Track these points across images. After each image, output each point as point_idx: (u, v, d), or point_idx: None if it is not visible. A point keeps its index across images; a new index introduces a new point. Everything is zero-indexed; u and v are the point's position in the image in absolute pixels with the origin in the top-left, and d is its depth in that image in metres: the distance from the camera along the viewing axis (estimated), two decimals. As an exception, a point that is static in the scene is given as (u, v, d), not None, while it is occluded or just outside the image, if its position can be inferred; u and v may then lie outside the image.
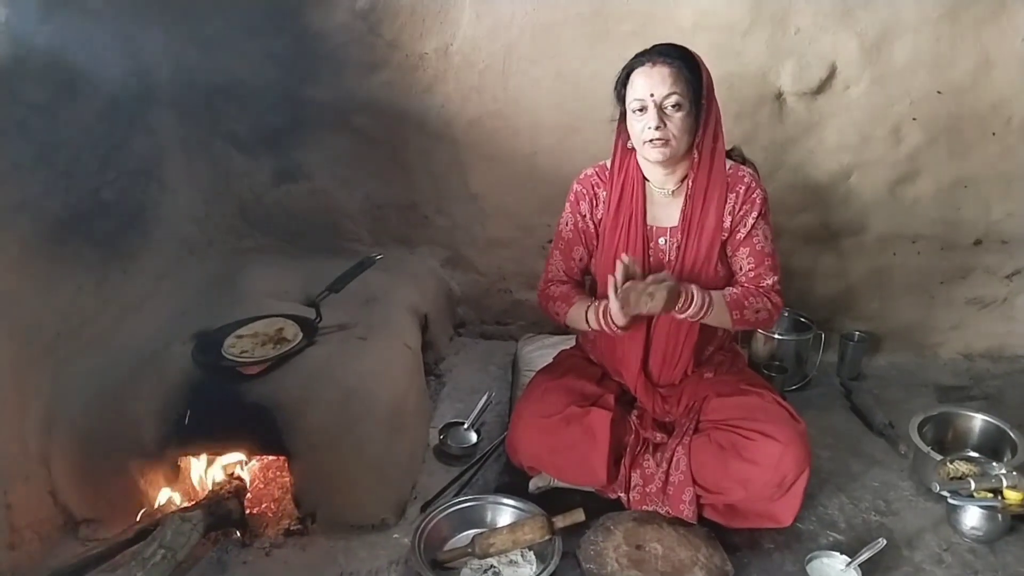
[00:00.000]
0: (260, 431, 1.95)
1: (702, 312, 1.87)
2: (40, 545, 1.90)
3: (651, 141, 1.83)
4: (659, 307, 1.81)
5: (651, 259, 2.01)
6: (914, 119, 2.52)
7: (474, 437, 2.33)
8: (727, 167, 1.96)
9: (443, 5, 2.47)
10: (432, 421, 2.45)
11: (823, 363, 2.71)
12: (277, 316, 2.26)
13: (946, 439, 2.26)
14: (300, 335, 2.17)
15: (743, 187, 1.95)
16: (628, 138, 1.94)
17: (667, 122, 1.82)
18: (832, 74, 2.48)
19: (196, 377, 2.03)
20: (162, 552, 1.76)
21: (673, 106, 1.81)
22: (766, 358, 2.62)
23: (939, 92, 2.48)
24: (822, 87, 2.50)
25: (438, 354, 2.74)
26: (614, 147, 2.00)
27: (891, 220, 2.68)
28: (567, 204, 2.09)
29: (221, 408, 1.99)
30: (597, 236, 2.07)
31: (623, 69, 1.89)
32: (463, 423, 2.38)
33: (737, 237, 1.97)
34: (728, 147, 2.04)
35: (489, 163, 2.69)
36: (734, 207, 1.95)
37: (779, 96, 2.53)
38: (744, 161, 2.20)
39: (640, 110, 1.83)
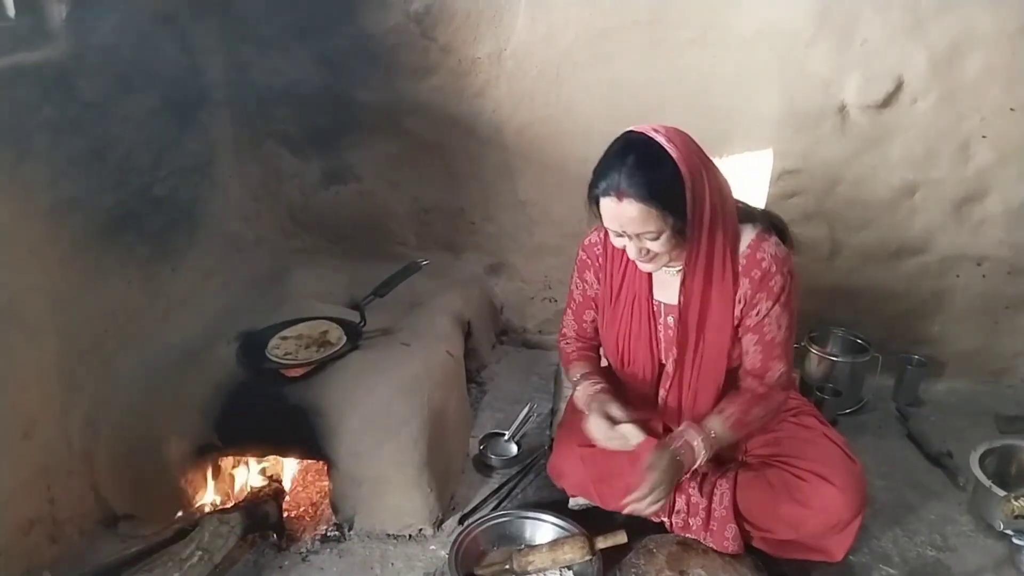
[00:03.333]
0: (301, 435, 1.94)
1: (710, 454, 1.74)
2: (80, 539, 1.92)
3: (634, 259, 1.68)
4: (666, 494, 1.70)
5: (660, 337, 1.86)
6: (984, 136, 2.41)
7: (515, 449, 2.29)
8: (745, 243, 1.72)
9: (498, 9, 2.44)
10: (472, 430, 2.41)
11: (879, 387, 2.61)
12: (322, 319, 2.25)
13: (1009, 473, 2.15)
14: (344, 339, 2.16)
15: (759, 272, 1.70)
16: None
17: (648, 247, 1.63)
18: (899, 88, 2.38)
19: (239, 378, 2.03)
20: (199, 554, 1.76)
21: (652, 238, 1.60)
22: (820, 380, 2.53)
23: (1012, 109, 2.37)
24: (888, 101, 2.40)
25: (480, 362, 2.71)
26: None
27: (956, 241, 2.56)
28: (575, 268, 1.96)
29: (263, 410, 1.98)
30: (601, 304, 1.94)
31: (592, 180, 1.63)
32: (504, 434, 2.34)
33: (747, 323, 1.76)
34: (752, 207, 1.81)
35: (539, 170, 2.65)
36: (747, 291, 1.72)
37: (842, 109, 2.44)
38: (772, 226, 1.79)
39: (617, 237, 1.66)
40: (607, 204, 1.60)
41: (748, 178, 2.56)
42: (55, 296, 1.81)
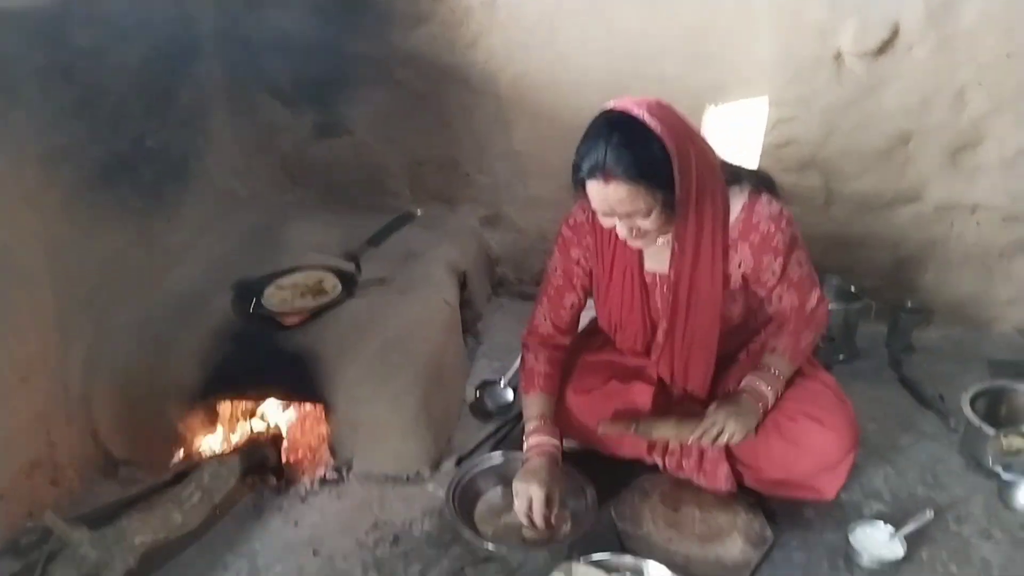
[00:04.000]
0: (298, 380, 1.97)
1: (780, 390, 1.81)
2: (81, 484, 1.94)
3: (624, 239, 1.65)
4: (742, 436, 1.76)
5: (652, 306, 1.86)
6: (980, 84, 2.39)
7: (510, 395, 2.31)
8: (737, 208, 1.71)
9: (491, -44, 2.42)
10: (469, 379, 2.43)
11: (873, 335, 2.62)
12: (317, 268, 2.27)
13: (999, 414, 2.17)
14: (339, 287, 2.17)
15: (758, 236, 1.70)
16: None
17: (638, 226, 1.59)
18: (895, 35, 2.36)
19: (236, 326, 2.04)
20: (199, 494, 1.78)
21: (642, 215, 1.57)
22: (814, 328, 2.55)
23: (1008, 56, 2.35)
24: (884, 48, 2.38)
25: (476, 313, 2.72)
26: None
27: (950, 189, 2.56)
28: (555, 249, 1.90)
29: (259, 357, 2.00)
30: (591, 282, 1.91)
31: (576, 160, 1.59)
32: (499, 381, 2.36)
33: (768, 284, 1.77)
34: (736, 166, 1.77)
35: (533, 120, 2.64)
36: (749, 259, 1.73)
37: (838, 56, 2.42)
38: (761, 181, 1.77)
39: (604, 216, 1.62)
40: (594, 186, 1.56)
41: (743, 127, 2.55)
42: (50, 245, 1.82)
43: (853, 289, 2.61)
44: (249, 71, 2.66)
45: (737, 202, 1.72)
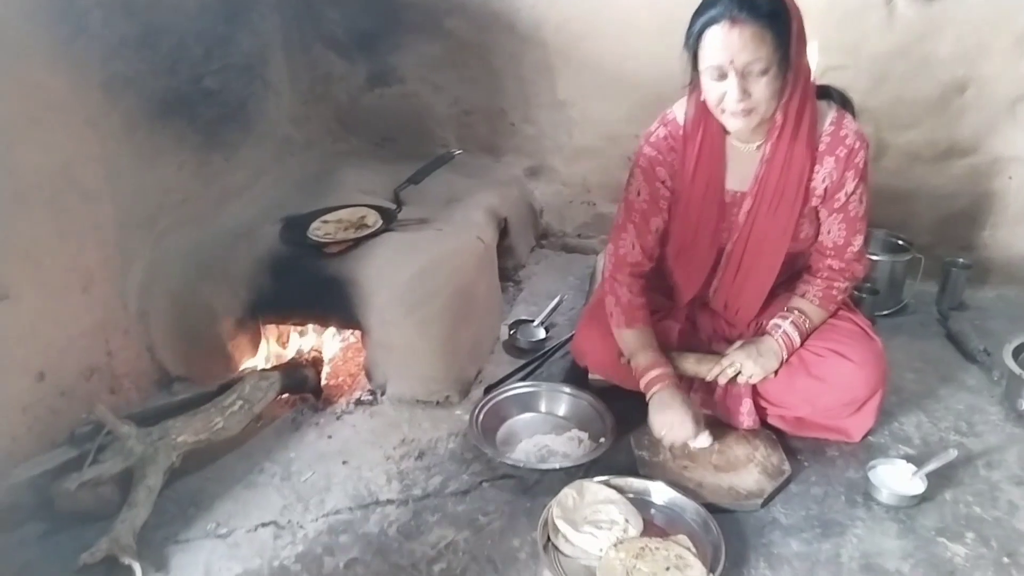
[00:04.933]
0: (337, 304, 2.07)
1: (804, 335, 1.82)
2: (137, 395, 2.09)
3: (731, 112, 1.58)
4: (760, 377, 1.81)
5: (723, 230, 1.83)
6: (1043, 27, 2.31)
7: (543, 333, 2.36)
8: (827, 121, 1.70)
9: (537, -99, 2.46)
10: (506, 320, 2.49)
11: (923, 293, 2.56)
12: (360, 206, 2.36)
13: (1045, 367, 2.10)
14: (380, 222, 2.26)
15: (845, 150, 1.69)
16: (702, 93, 1.64)
17: (751, 89, 1.54)
18: (951, -25, 2.30)
19: (283, 252, 2.15)
20: (240, 403, 1.90)
21: (759, 72, 1.52)
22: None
23: (1075, -4, 2.26)
24: (938, -10, 2.33)
25: (517, 261, 2.78)
26: (688, 102, 1.72)
27: (1009, 140, 2.48)
28: (637, 171, 1.84)
29: (303, 282, 2.10)
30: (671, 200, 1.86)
31: (694, 18, 1.55)
32: (533, 321, 2.41)
33: (835, 204, 1.75)
34: (823, 84, 1.76)
35: (578, 68, 2.67)
36: (832, 172, 1.71)
37: (889, 1, 2.37)
38: (844, 101, 1.78)
39: (719, 78, 1.55)
40: (716, 33, 1.50)
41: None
42: (110, 166, 1.95)
43: (900, 242, 2.55)
44: (306, 22, 2.77)
45: (826, 116, 1.71)
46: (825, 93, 1.75)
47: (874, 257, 2.48)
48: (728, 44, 1.50)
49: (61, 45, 1.79)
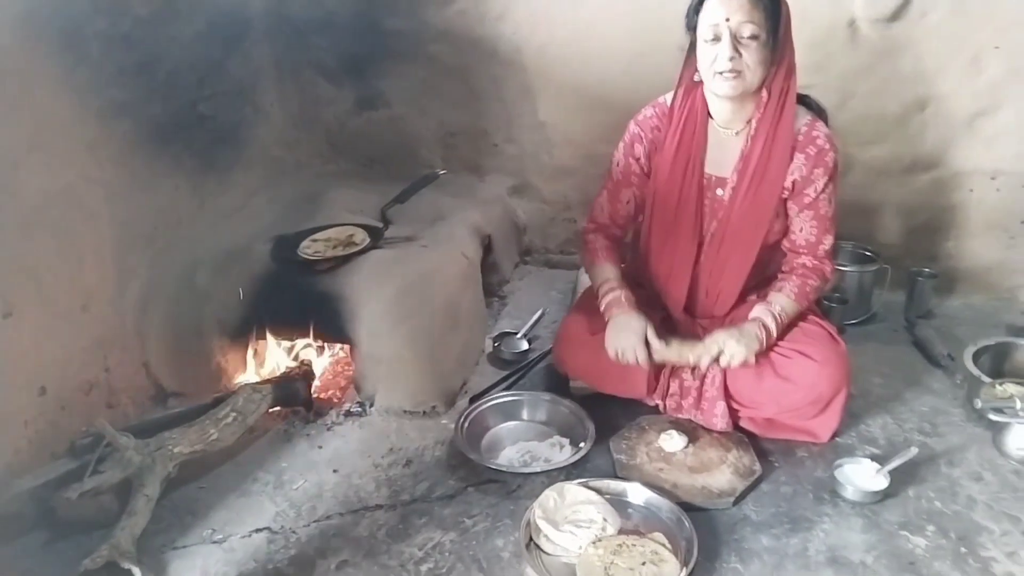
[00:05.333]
0: (327, 319, 2.15)
1: (780, 328, 1.92)
2: (133, 409, 2.15)
3: (722, 73, 1.75)
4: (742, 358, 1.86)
5: (706, 207, 1.97)
6: (996, 48, 2.43)
7: (525, 345, 2.45)
8: (802, 121, 1.88)
9: (516, -68, 2.58)
10: (490, 333, 2.58)
11: (891, 302, 2.66)
12: (349, 225, 2.45)
13: (1003, 370, 2.20)
14: (368, 240, 2.35)
15: (815, 149, 1.86)
16: (695, 71, 1.85)
17: (742, 52, 1.73)
18: (908, 0, 2.42)
19: (275, 269, 2.24)
20: (234, 415, 1.98)
21: (749, 36, 1.72)
22: (828, 290, 2.60)
23: (1025, 19, 2.39)
24: (898, 13, 2.45)
25: (502, 276, 2.87)
26: (678, 80, 1.93)
27: (969, 154, 2.59)
28: (621, 144, 2.04)
29: (294, 298, 2.19)
30: (649, 179, 2.03)
31: None
32: (516, 333, 2.50)
33: (804, 200, 1.90)
34: (802, 92, 1.93)
35: (558, 91, 2.78)
36: (802, 167, 1.87)
37: (852, 23, 2.49)
38: (819, 110, 1.97)
39: (713, 39, 1.74)
40: None
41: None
42: (109, 189, 2.03)
43: (868, 253, 2.66)
44: (296, 49, 2.87)
45: (802, 117, 1.89)
46: (803, 101, 1.92)
47: (843, 268, 2.59)
48: (725, 4, 1.71)
49: (63, 73, 1.89)
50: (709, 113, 1.91)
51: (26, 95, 1.77)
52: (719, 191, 1.94)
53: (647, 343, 1.91)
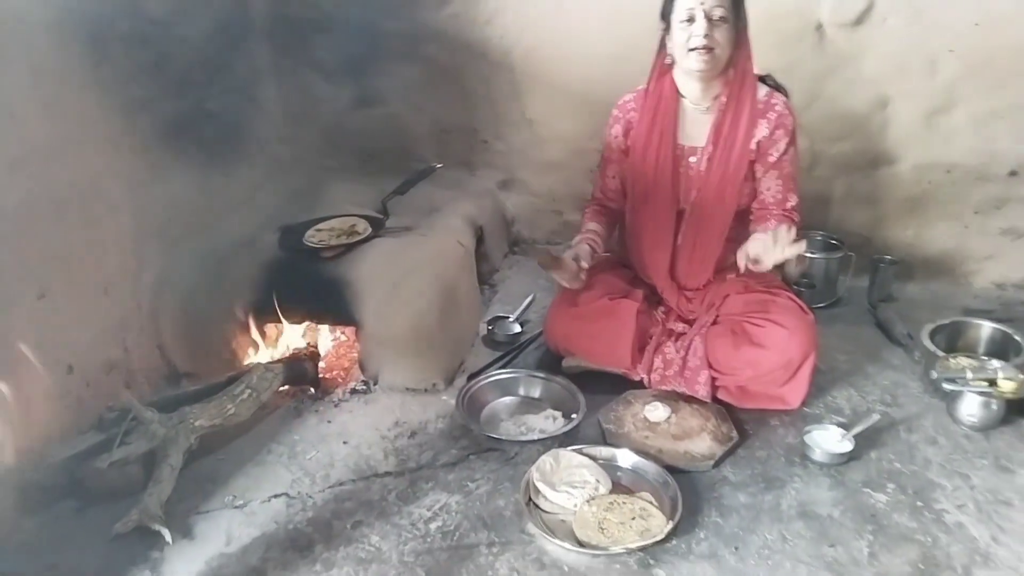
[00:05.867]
0: (333, 303, 2.29)
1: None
2: (149, 390, 2.28)
3: (696, 49, 1.98)
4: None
5: (681, 176, 2.18)
6: (951, 51, 2.63)
7: (518, 328, 2.61)
8: (762, 92, 2.12)
9: (505, -58, 2.74)
10: (484, 318, 2.73)
11: (856, 287, 2.86)
12: (351, 215, 2.59)
13: (957, 346, 2.40)
14: (370, 229, 2.49)
15: (775, 114, 2.11)
16: (666, 56, 2.12)
17: (713, 32, 1.97)
18: (870, 6, 2.61)
19: (282, 257, 2.38)
20: (249, 391, 2.11)
21: (719, 18, 1.97)
22: (797, 276, 2.79)
23: (977, 24, 2.58)
24: (861, 18, 2.64)
25: (492, 266, 3.02)
26: (652, 66, 2.18)
27: (926, 150, 2.79)
28: (605, 128, 2.31)
29: (301, 283, 2.33)
30: (628, 157, 2.26)
31: None
32: (509, 317, 2.66)
33: (768, 160, 2.13)
34: (762, 74, 2.19)
35: (545, 90, 2.94)
36: (765, 130, 2.10)
37: (819, 27, 2.68)
38: (777, 87, 2.24)
39: (688, 20, 1.98)
40: None
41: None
42: (130, 181, 2.17)
43: (834, 241, 2.85)
44: (295, 48, 3.01)
45: (762, 89, 2.14)
46: (762, 79, 2.17)
47: (811, 256, 2.78)
48: None
49: (88, 72, 2.02)
50: (680, 93, 2.14)
51: (59, 93, 1.90)
52: (692, 159, 2.16)
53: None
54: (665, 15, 2.07)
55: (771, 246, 1.91)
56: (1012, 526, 1.78)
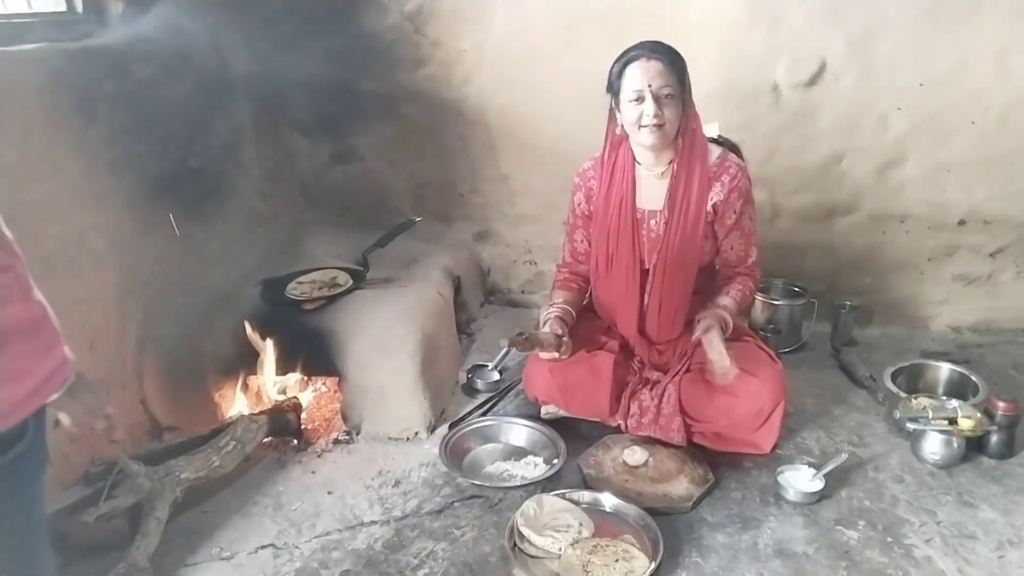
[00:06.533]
0: (316, 354, 2.34)
1: (730, 321, 2.20)
2: (132, 445, 2.28)
3: (648, 126, 2.03)
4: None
5: (643, 239, 2.24)
6: (899, 108, 2.80)
7: (497, 376, 2.66)
8: (715, 156, 2.18)
9: (479, 7, 2.88)
10: (464, 366, 2.78)
11: (819, 332, 2.97)
12: (331, 268, 2.65)
13: (918, 387, 2.51)
14: (351, 281, 2.55)
15: (728, 177, 2.16)
16: (618, 125, 2.15)
17: (663, 109, 2.02)
18: (823, 68, 2.79)
19: (264, 310, 2.42)
20: (233, 443, 2.14)
21: (667, 96, 2.02)
22: (763, 322, 2.91)
23: (921, 84, 2.76)
24: (814, 79, 2.80)
25: (469, 315, 3.09)
26: (605, 136, 2.23)
27: (880, 201, 2.95)
28: (569, 196, 2.35)
29: (284, 335, 2.36)
30: (591, 220, 2.32)
31: (617, 62, 2.08)
32: (487, 365, 2.71)
33: (727, 223, 2.20)
34: (714, 135, 2.30)
35: (518, 147, 3.06)
36: (720, 193, 2.16)
37: (775, 88, 2.84)
38: (729, 145, 2.32)
39: (637, 99, 2.03)
40: (635, 66, 2.03)
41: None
42: (114, 237, 2.20)
43: (797, 288, 2.98)
44: (274, 107, 3.09)
45: (714, 151, 2.21)
46: (715, 141, 2.27)
47: (776, 303, 2.90)
48: (646, 72, 2.02)
49: (77, 132, 2.07)
50: (636, 160, 2.22)
51: (49, 152, 1.95)
52: (652, 222, 2.22)
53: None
54: (613, 91, 2.12)
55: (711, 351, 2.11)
56: (976, 558, 1.87)
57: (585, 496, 2.04)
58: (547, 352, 2.19)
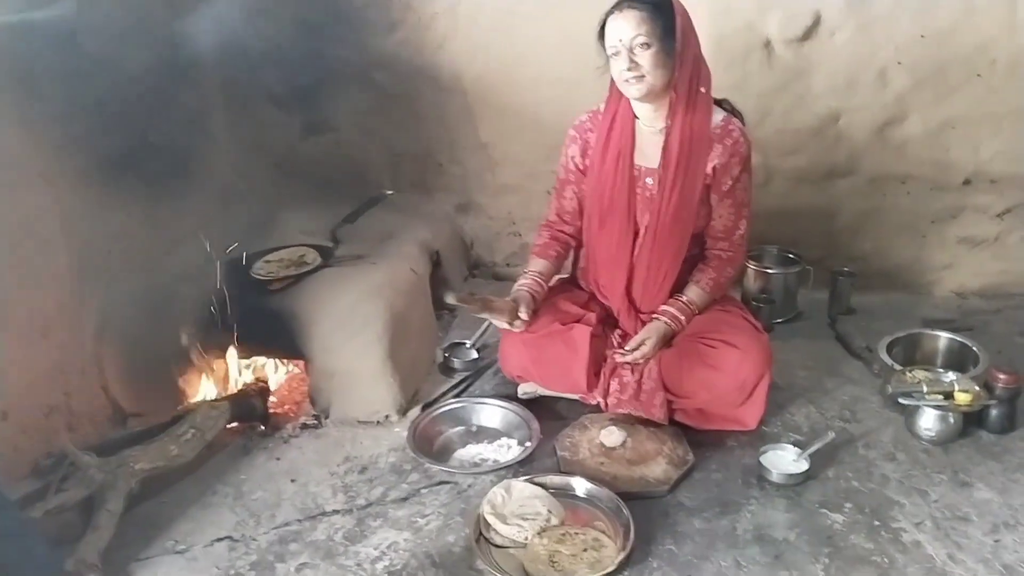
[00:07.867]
0: (281, 336, 2.25)
1: (691, 319, 2.16)
2: (94, 432, 2.20)
3: (627, 80, 1.96)
4: (653, 351, 2.13)
5: (638, 197, 2.13)
6: (899, 63, 2.64)
7: (475, 354, 2.57)
8: (718, 117, 2.08)
9: (451, -33, 2.73)
10: (441, 344, 2.69)
11: (815, 301, 2.84)
12: (300, 246, 2.55)
13: (915, 359, 2.39)
14: (319, 260, 2.45)
15: (730, 140, 2.07)
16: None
17: (637, 59, 1.93)
18: (817, 22, 2.62)
19: (228, 291, 2.32)
20: (192, 431, 2.06)
21: (640, 45, 1.92)
22: (756, 292, 2.78)
23: (923, 36, 2.59)
24: (808, 34, 2.64)
25: (451, 290, 2.98)
26: (609, 90, 2.14)
27: (880, 162, 2.79)
28: (562, 148, 2.25)
29: (248, 317, 2.28)
30: (585, 176, 2.22)
31: (602, 19, 2.01)
32: (466, 343, 2.62)
33: (723, 188, 2.09)
34: (719, 98, 2.15)
35: (497, 114, 2.92)
36: (720, 155, 2.06)
37: (767, 44, 2.68)
38: (734, 111, 2.20)
39: (615, 54, 1.96)
40: (611, 20, 1.96)
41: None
42: (64, 219, 2.10)
43: (792, 256, 2.84)
44: (244, 78, 2.96)
45: (718, 114, 2.11)
46: (720, 104, 2.14)
47: (769, 271, 2.76)
48: (618, 26, 1.94)
49: (16, 109, 1.96)
50: (635, 115, 2.11)
51: (-15, 132, 1.85)
52: (649, 180, 2.12)
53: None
54: (602, 47, 2.03)
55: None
56: (969, 543, 1.76)
57: (556, 480, 1.94)
58: (499, 319, 2.12)
